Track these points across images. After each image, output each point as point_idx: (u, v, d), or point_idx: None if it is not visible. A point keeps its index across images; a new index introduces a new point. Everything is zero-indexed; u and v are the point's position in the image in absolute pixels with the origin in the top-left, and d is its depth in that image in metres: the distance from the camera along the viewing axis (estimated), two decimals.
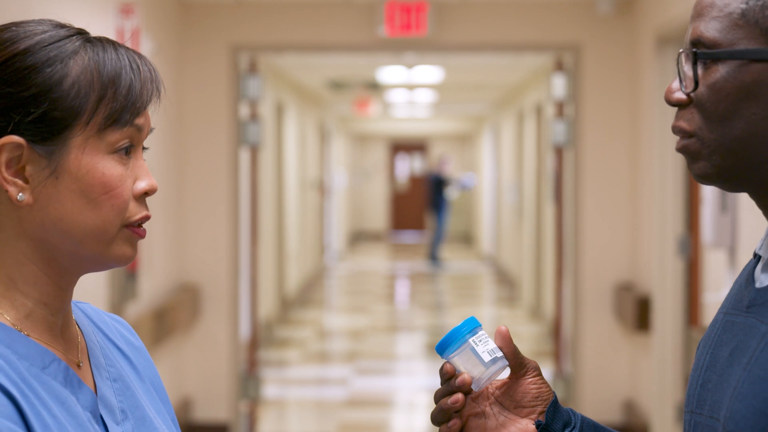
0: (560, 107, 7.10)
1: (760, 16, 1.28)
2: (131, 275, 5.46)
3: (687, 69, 1.33)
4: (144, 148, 1.37)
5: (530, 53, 7.57)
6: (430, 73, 11.97)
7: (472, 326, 1.47)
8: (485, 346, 1.46)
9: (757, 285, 1.34)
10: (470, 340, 1.46)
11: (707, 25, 1.31)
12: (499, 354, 1.46)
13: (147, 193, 1.34)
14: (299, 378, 9.18)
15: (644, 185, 6.53)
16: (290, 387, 8.79)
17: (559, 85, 7.04)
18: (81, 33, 1.34)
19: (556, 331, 7.41)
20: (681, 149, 1.35)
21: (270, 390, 8.33)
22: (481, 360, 1.45)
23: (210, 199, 6.88)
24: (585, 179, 6.91)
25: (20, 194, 1.28)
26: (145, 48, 5.50)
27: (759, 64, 1.28)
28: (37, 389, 1.26)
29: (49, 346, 1.32)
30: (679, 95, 1.34)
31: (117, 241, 1.32)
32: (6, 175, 1.28)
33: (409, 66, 11.13)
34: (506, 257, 15.86)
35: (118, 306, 5.26)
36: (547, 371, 7.82)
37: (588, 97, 6.89)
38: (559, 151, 7.22)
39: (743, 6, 1.28)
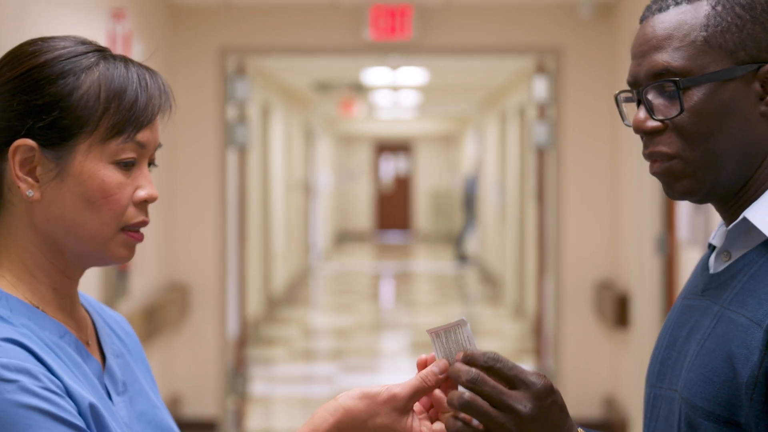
0: (542, 109, 7.23)
1: (721, 40, 1.42)
2: (123, 273, 5.57)
3: (653, 98, 1.45)
4: (153, 164, 1.51)
5: (513, 56, 7.70)
6: (414, 74, 12.08)
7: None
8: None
9: (711, 271, 1.50)
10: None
11: (672, 56, 1.43)
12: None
13: (147, 201, 1.48)
14: (286, 375, 9.29)
15: (624, 185, 6.67)
16: (277, 384, 8.91)
17: (540, 87, 7.16)
18: (100, 50, 1.48)
19: (537, 328, 7.54)
20: (663, 171, 1.46)
21: (257, 387, 8.45)
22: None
23: (199, 199, 6.99)
24: (566, 180, 7.04)
25: (29, 191, 1.44)
26: (136, 52, 5.62)
27: (731, 82, 1.42)
28: (58, 353, 1.41)
29: (62, 322, 1.47)
30: (654, 123, 1.46)
31: (114, 243, 1.47)
32: (19, 173, 1.43)
33: (394, 68, 11.24)
34: (490, 257, 15.98)
35: (110, 303, 5.38)
36: (529, 368, 7.94)
37: (569, 99, 7.02)
38: (540, 152, 7.35)
39: (704, 34, 1.42)
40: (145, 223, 1.48)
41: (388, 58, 8.99)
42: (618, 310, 6.50)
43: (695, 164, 1.44)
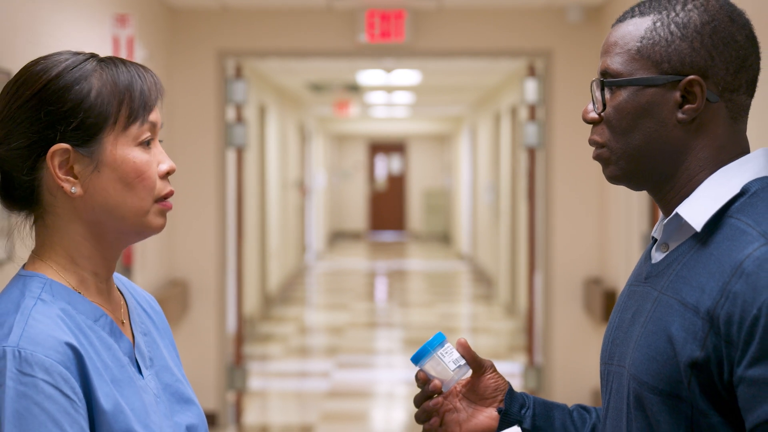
0: (532, 110, 7.40)
1: (651, 52, 1.65)
2: (126, 269, 5.74)
3: (597, 94, 1.70)
4: (159, 141, 1.74)
5: (503, 59, 7.86)
6: (408, 75, 12.24)
7: (439, 340, 1.87)
8: (450, 356, 1.87)
9: (653, 261, 1.71)
10: (438, 353, 1.87)
11: (612, 59, 1.68)
12: (462, 362, 1.88)
13: (169, 173, 1.70)
14: (282, 371, 9.44)
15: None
16: (273, 380, 9.06)
17: (531, 89, 7.33)
18: (93, 56, 1.71)
19: (528, 324, 7.69)
20: (596, 157, 1.72)
21: (254, 383, 8.60)
22: (448, 368, 1.87)
23: (199, 199, 7.16)
24: (556, 179, 7.21)
25: (73, 188, 1.64)
26: (138, 55, 5.78)
27: (651, 88, 1.65)
28: (91, 337, 1.61)
29: (100, 305, 1.68)
30: (593, 115, 1.71)
31: (151, 214, 1.68)
32: (60, 174, 1.64)
33: (388, 69, 11.39)
34: (483, 256, 16.13)
35: None
36: (520, 363, 8.11)
37: (558, 100, 7.19)
38: (531, 152, 7.51)
39: (638, 44, 1.66)
40: (172, 193, 1.70)
41: (382, 61, 9.16)
42: (606, 306, 6.66)
43: (617, 154, 1.68)
